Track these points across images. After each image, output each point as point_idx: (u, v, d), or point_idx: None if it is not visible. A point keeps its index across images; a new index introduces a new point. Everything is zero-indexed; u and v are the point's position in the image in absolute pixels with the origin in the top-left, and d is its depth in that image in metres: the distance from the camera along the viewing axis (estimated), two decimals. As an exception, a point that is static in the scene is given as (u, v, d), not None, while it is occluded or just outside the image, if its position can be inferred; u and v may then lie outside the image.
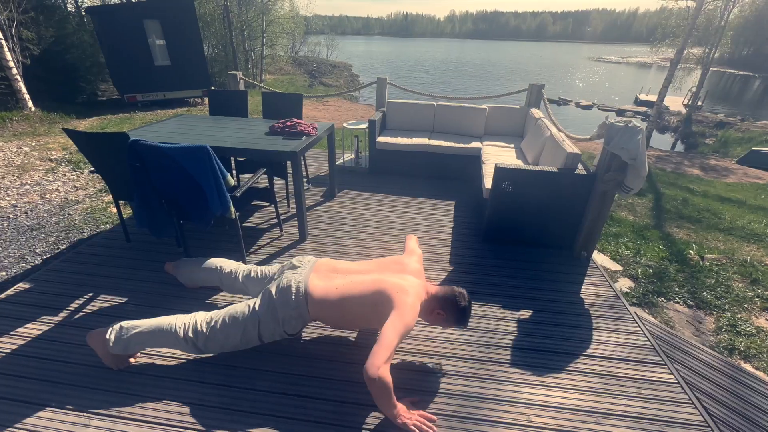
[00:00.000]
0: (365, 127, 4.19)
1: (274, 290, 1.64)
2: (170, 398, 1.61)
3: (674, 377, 1.82)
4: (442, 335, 2.00)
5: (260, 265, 2.20)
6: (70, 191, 4.19)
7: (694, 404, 1.68)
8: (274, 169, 3.21)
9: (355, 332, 1.99)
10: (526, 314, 2.19)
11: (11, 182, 4.36)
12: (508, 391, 1.70)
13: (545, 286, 2.45)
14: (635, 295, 3.10)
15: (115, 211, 3.70)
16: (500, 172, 2.65)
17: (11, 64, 7.46)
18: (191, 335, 1.62)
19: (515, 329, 2.07)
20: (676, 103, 17.82)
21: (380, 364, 1.34)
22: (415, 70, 34.40)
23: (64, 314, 2.04)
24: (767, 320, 2.94)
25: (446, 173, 4.06)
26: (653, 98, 15.69)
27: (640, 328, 2.12)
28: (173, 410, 1.56)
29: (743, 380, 2.09)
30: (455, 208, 3.45)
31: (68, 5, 13.44)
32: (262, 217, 3.17)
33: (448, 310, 1.64)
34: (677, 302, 3.09)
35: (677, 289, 3.23)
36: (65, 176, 4.60)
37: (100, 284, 2.28)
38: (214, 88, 10.10)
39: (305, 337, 1.95)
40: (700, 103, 16.30)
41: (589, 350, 1.95)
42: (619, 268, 3.48)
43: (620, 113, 17.76)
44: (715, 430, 1.58)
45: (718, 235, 4.44)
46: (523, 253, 2.79)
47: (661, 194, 5.81)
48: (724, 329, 2.83)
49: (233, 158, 3.44)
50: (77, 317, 2.02)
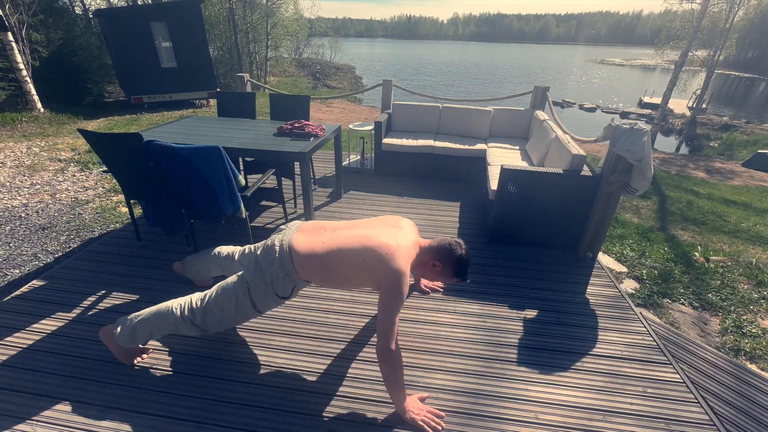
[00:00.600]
0: (371, 128, 4.22)
1: (259, 252, 1.63)
2: (184, 393, 1.64)
3: (680, 377, 1.83)
4: (449, 334, 2.02)
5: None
6: (79, 191, 4.25)
7: (699, 403, 1.70)
8: (282, 169, 3.25)
9: (356, 332, 2.02)
10: (531, 314, 2.21)
11: (22, 182, 4.42)
12: (514, 388, 1.72)
13: (551, 286, 2.47)
14: (640, 296, 3.11)
15: (124, 210, 3.75)
16: (506, 173, 2.67)
17: (21, 66, 7.54)
18: (188, 314, 1.64)
19: (521, 328, 2.09)
20: (680, 105, 17.76)
21: (388, 344, 1.40)
22: (417, 72, 34.53)
23: (77, 311, 2.08)
24: (773, 322, 2.94)
25: (451, 174, 4.09)
26: (658, 101, 15.67)
27: (645, 327, 2.14)
28: (187, 405, 1.59)
29: (749, 380, 2.10)
30: (460, 209, 3.47)
31: (76, 8, 13.61)
32: (269, 217, 3.20)
33: (444, 260, 1.57)
34: (682, 303, 3.10)
35: (682, 290, 3.23)
36: (74, 176, 4.66)
37: (112, 282, 2.32)
38: (219, 90, 10.20)
39: (311, 336, 1.98)
40: (704, 105, 16.26)
41: (594, 349, 1.97)
42: (624, 269, 3.48)
43: (624, 115, 17.76)
44: (721, 429, 1.59)
45: (723, 237, 4.43)
46: (528, 253, 2.81)
47: (665, 196, 5.80)
48: (729, 330, 2.83)
49: (241, 159, 3.49)
50: (90, 314, 2.06)
